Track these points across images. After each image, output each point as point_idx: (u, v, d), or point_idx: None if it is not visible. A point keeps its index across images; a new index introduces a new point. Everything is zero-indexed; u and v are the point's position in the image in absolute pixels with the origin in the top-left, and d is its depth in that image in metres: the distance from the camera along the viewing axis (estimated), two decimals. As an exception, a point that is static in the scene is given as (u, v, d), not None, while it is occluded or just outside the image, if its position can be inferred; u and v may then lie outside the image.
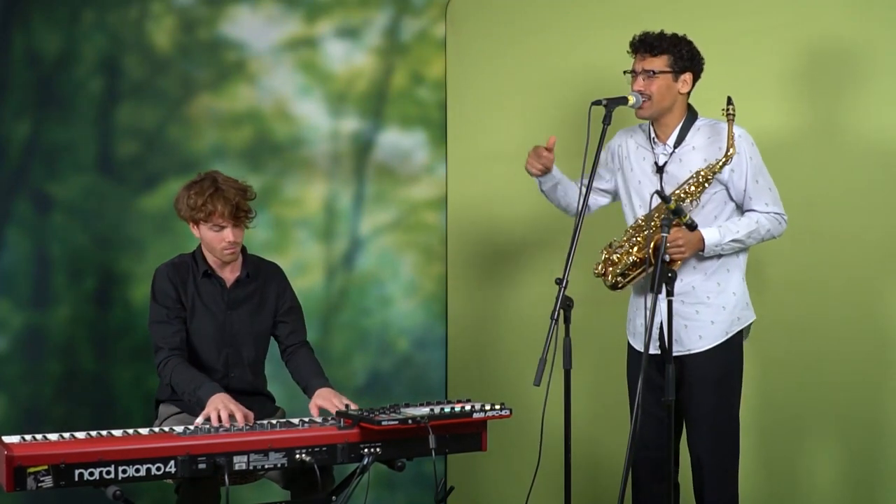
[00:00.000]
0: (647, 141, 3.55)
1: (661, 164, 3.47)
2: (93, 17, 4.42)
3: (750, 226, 3.40)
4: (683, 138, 3.46)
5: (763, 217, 3.42)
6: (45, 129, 4.35)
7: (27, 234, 4.33)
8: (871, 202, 3.81)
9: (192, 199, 3.46)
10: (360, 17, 4.66)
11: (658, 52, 3.43)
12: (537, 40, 4.48)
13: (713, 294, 3.45)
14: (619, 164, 3.63)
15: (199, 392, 3.31)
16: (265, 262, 3.68)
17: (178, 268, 3.56)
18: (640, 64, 3.45)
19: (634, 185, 3.54)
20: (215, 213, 3.44)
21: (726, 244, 3.39)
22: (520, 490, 3.61)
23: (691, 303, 3.46)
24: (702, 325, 3.45)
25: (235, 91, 4.56)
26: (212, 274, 3.55)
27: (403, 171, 4.71)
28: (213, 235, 3.49)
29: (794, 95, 3.92)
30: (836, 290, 3.86)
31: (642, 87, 3.43)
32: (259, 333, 3.60)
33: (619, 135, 3.65)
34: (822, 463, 3.92)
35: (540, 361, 3.15)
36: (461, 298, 4.70)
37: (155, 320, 3.49)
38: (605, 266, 3.52)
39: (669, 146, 3.48)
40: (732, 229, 3.39)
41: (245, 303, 3.57)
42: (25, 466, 2.82)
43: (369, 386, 4.64)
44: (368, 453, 3.16)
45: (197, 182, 3.52)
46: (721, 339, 3.45)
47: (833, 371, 3.88)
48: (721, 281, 3.46)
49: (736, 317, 3.47)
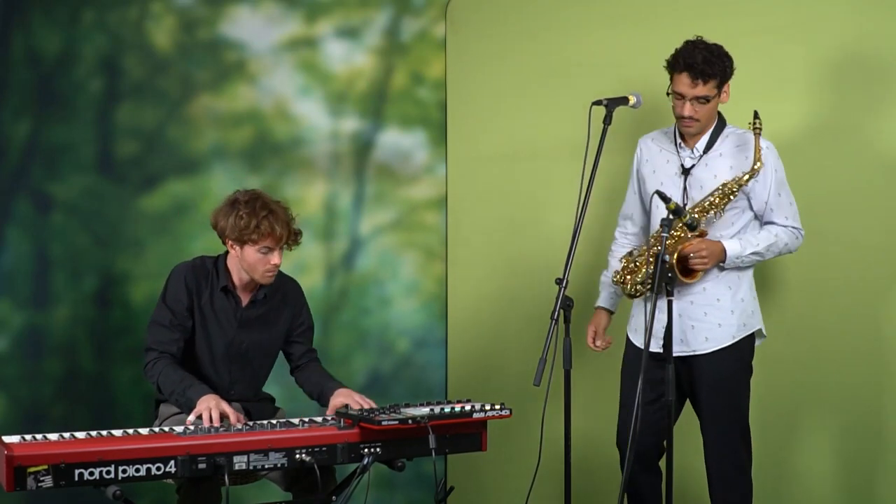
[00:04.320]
0: (671, 144, 3.56)
1: (687, 166, 3.49)
2: (93, 17, 4.41)
3: (769, 239, 3.44)
4: (713, 145, 3.48)
5: (782, 231, 3.46)
6: (45, 129, 4.35)
7: (27, 234, 4.33)
8: (876, 204, 3.81)
9: (242, 219, 3.30)
10: (360, 17, 4.66)
11: (709, 77, 3.38)
12: (537, 40, 4.48)
13: (723, 297, 3.47)
14: (637, 169, 3.64)
15: (188, 392, 3.27)
16: (284, 277, 3.57)
17: (197, 272, 3.45)
18: (692, 91, 3.39)
19: (656, 187, 3.53)
20: (269, 236, 3.31)
21: (746, 257, 3.43)
22: (520, 490, 3.61)
23: (700, 304, 3.48)
24: (709, 328, 3.47)
25: (235, 91, 4.56)
26: (230, 291, 3.46)
27: (403, 171, 4.71)
28: (258, 258, 3.35)
29: (796, 96, 3.91)
30: (835, 291, 3.86)
31: (693, 112, 3.41)
32: (268, 352, 3.57)
33: (640, 141, 3.65)
34: (821, 462, 3.92)
35: (540, 361, 3.15)
36: (461, 298, 4.70)
37: (156, 321, 3.42)
38: (624, 274, 3.55)
39: (698, 150, 3.49)
40: (753, 242, 3.42)
41: (257, 322, 3.50)
42: (25, 466, 2.82)
43: (369, 386, 4.63)
44: (368, 453, 3.15)
45: (243, 201, 3.34)
46: (727, 342, 3.47)
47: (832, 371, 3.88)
48: (732, 285, 3.48)
49: (742, 322, 3.49)
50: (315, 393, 3.55)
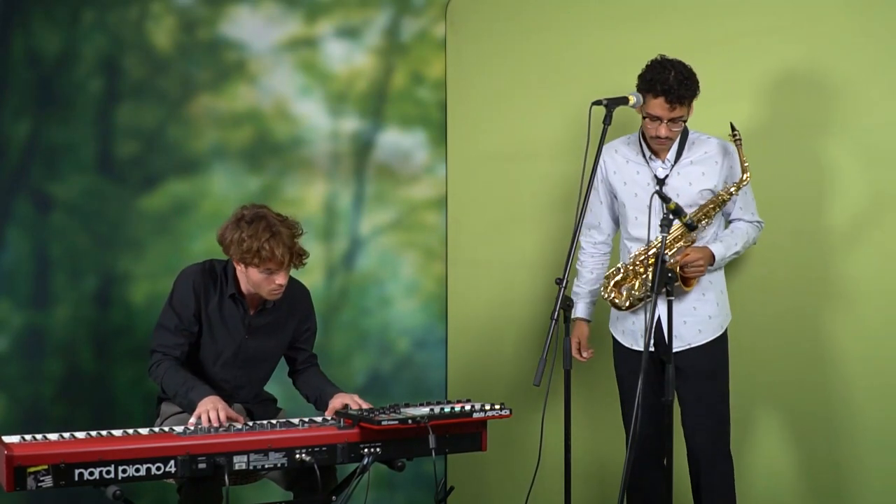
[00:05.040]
0: (638, 155, 3.61)
1: (661, 177, 3.55)
2: (93, 17, 4.41)
3: (744, 237, 3.58)
4: (682, 153, 3.56)
5: (750, 227, 3.62)
6: (45, 129, 4.34)
7: (27, 234, 4.33)
8: (861, 202, 3.81)
9: (245, 242, 3.25)
10: (360, 17, 4.66)
11: (685, 100, 3.42)
12: (537, 40, 4.48)
13: (708, 291, 3.59)
14: (605, 179, 3.68)
15: (190, 394, 3.28)
16: (294, 283, 3.53)
17: (206, 276, 3.42)
18: (669, 114, 3.42)
19: (629, 198, 3.61)
20: (272, 260, 3.26)
21: (729, 257, 3.56)
22: (520, 490, 3.61)
23: (690, 299, 3.56)
24: (700, 320, 3.57)
25: (235, 91, 4.56)
26: (238, 299, 3.44)
27: (403, 171, 4.71)
28: (262, 278, 3.32)
29: (796, 96, 3.91)
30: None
31: (669, 133, 3.46)
32: (273, 357, 3.58)
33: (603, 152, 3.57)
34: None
35: (540, 361, 3.16)
36: (461, 298, 4.70)
37: (163, 324, 3.41)
38: (615, 288, 3.60)
39: (669, 160, 3.57)
40: (732, 242, 3.55)
41: (265, 329, 3.49)
42: (25, 466, 2.83)
43: (369, 386, 4.64)
44: (368, 453, 3.16)
45: (246, 221, 3.29)
46: (718, 332, 3.60)
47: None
48: (713, 280, 3.60)
49: (726, 312, 3.64)
50: (313, 397, 3.55)
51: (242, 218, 3.30)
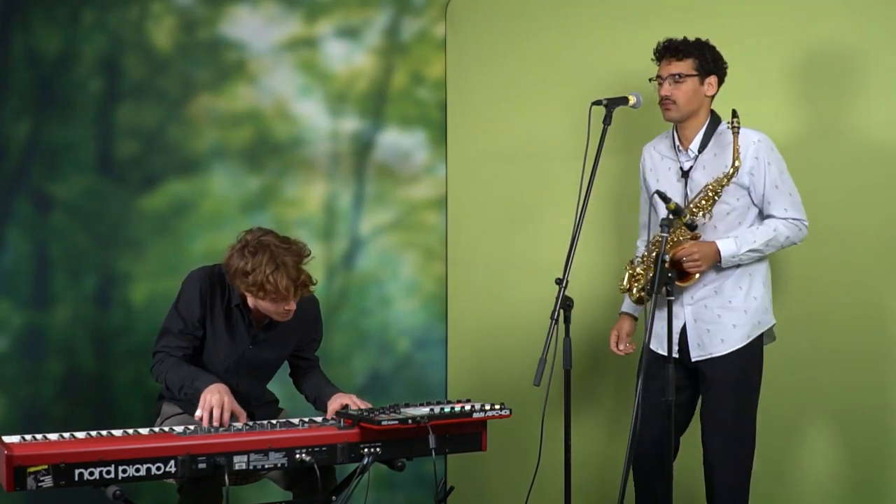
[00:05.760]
0: (671, 149, 3.57)
1: (686, 169, 3.49)
2: (93, 17, 4.41)
3: (767, 234, 3.41)
4: (707, 143, 3.48)
5: (781, 224, 3.43)
6: (45, 129, 4.34)
7: (27, 234, 4.33)
8: (871, 200, 3.81)
9: (250, 275, 3.17)
10: (360, 17, 4.66)
11: (683, 55, 3.43)
12: (537, 40, 4.48)
13: (735, 298, 3.46)
14: (644, 178, 3.65)
15: (196, 383, 3.26)
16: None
17: (213, 281, 3.38)
18: (667, 69, 3.44)
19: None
20: (276, 293, 3.19)
21: (743, 255, 3.41)
22: (520, 490, 3.61)
23: (714, 307, 3.47)
24: (724, 329, 3.46)
25: (235, 91, 4.56)
26: (244, 310, 3.40)
27: (403, 171, 4.70)
28: (269, 306, 3.27)
29: (796, 96, 3.91)
30: (838, 289, 3.86)
31: (669, 91, 3.43)
32: (277, 364, 3.57)
33: (644, 150, 3.65)
34: (823, 464, 3.91)
35: (540, 361, 3.16)
36: (461, 298, 4.70)
37: (168, 327, 3.39)
38: (629, 282, 3.55)
39: (693, 151, 3.49)
40: (749, 239, 3.40)
41: (270, 340, 3.47)
42: (25, 466, 2.82)
43: (369, 386, 4.63)
44: (368, 453, 3.16)
45: (251, 251, 3.20)
46: (742, 342, 3.46)
47: (834, 369, 3.88)
48: (743, 285, 3.47)
49: (757, 321, 3.48)
50: (312, 397, 3.55)
51: (246, 246, 3.22)
